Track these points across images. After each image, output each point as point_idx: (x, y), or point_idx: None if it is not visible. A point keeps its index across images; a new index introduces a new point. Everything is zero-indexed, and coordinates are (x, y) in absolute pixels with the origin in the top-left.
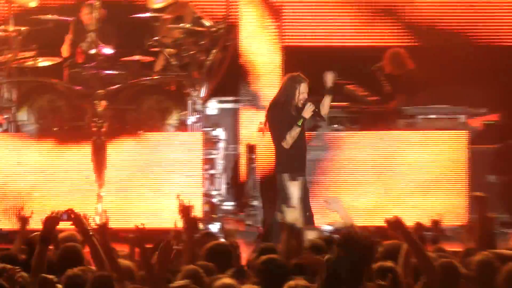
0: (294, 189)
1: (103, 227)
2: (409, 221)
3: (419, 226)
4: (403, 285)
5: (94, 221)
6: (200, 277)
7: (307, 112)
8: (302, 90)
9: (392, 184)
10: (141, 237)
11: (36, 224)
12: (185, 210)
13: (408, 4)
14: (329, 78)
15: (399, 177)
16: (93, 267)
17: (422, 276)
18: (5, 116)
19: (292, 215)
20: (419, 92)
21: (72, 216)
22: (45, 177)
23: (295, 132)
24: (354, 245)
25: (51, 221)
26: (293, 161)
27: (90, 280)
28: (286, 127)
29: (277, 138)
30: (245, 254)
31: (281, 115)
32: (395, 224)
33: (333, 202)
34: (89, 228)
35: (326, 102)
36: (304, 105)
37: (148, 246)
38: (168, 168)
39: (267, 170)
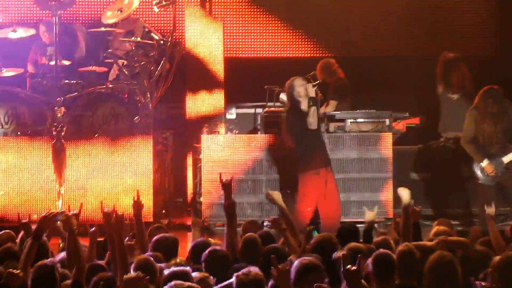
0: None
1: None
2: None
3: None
4: None
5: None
6: (152, 264)
7: (311, 91)
8: (303, 92)
9: None
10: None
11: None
12: (136, 206)
13: (338, 20)
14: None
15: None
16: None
17: None
18: None
19: None
20: (348, 98)
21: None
22: (9, 177)
23: (312, 111)
24: None
25: (47, 220)
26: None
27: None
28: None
29: (294, 141)
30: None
31: (292, 120)
32: None
33: (274, 196)
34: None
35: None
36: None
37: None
38: (121, 168)
39: (211, 169)
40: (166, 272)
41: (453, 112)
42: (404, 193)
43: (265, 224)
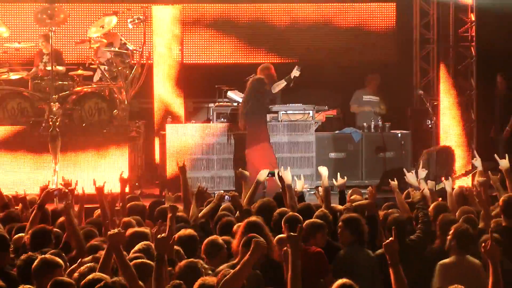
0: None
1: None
2: None
3: None
4: None
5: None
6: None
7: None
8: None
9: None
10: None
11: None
12: (122, 181)
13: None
14: (294, 71)
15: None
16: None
17: None
18: None
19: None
20: (279, 93)
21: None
22: (16, 158)
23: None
24: None
25: (49, 194)
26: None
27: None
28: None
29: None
30: None
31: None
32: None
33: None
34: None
35: (281, 84)
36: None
37: None
38: (103, 152)
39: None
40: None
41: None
42: (323, 170)
43: (225, 198)
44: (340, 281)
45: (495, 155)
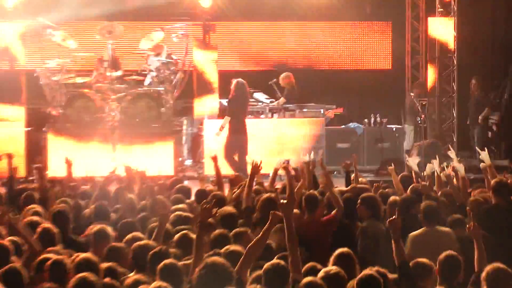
0: None
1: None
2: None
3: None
4: None
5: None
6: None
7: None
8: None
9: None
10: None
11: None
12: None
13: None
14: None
15: (289, 146)
16: None
17: None
18: (60, 111)
19: None
20: (298, 96)
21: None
22: (83, 146)
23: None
24: None
25: (109, 178)
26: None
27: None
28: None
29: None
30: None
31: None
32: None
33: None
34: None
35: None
36: None
37: None
38: (153, 142)
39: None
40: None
41: None
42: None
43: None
44: (339, 250)
45: (476, 147)
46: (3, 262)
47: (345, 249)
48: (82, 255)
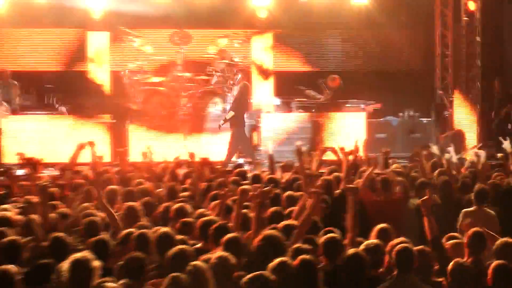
0: None
1: None
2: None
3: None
4: None
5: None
6: None
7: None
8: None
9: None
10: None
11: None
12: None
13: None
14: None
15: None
16: None
17: None
18: (140, 106)
19: None
20: (341, 94)
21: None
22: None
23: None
24: None
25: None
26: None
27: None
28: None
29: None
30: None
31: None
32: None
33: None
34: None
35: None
36: None
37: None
38: (217, 133)
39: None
40: None
41: None
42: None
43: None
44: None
45: (500, 137)
46: (93, 235)
47: (384, 225)
48: (162, 229)
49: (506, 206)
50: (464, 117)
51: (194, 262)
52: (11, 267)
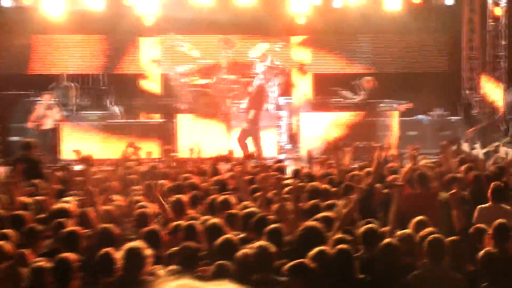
0: None
1: None
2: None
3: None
4: None
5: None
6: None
7: None
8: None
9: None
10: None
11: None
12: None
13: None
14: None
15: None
16: None
17: None
18: (187, 106)
19: None
20: (376, 94)
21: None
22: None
23: None
24: None
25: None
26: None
27: None
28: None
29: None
30: None
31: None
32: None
33: None
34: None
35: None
36: None
37: None
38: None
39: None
40: None
41: None
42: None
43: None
44: (417, 218)
45: None
46: (145, 225)
47: (421, 217)
48: (212, 220)
49: None
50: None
51: (240, 251)
52: (71, 255)
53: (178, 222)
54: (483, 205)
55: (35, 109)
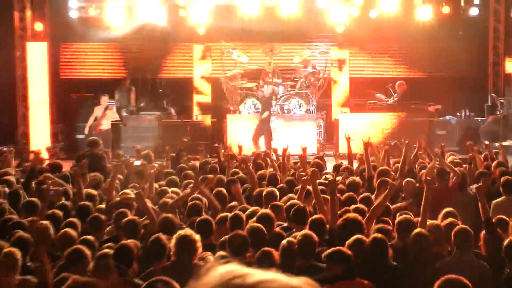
0: None
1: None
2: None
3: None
4: None
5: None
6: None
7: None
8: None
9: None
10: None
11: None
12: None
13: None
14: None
15: (401, 131)
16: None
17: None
18: (236, 107)
19: None
20: (408, 96)
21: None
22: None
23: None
24: None
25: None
26: None
27: None
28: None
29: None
30: None
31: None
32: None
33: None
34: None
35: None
36: None
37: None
38: (301, 127)
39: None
40: None
41: None
42: None
43: None
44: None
45: None
46: (197, 215)
47: (450, 208)
48: (262, 210)
49: None
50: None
51: (285, 240)
52: (131, 241)
53: (225, 214)
54: (497, 200)
55: (93, 111)
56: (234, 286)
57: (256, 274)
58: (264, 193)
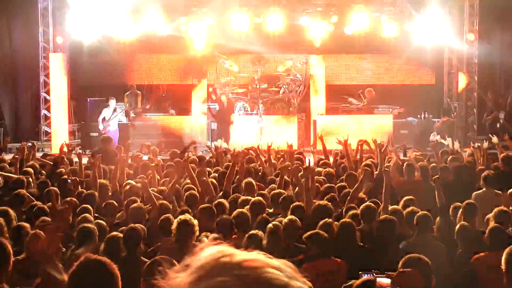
0: None
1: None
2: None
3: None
4: None
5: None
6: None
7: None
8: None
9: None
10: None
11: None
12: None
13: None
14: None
15: (369, 131)
16: None
17: None
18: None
19: None
20: (376, 101)
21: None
22: (239, 132)
23: None
24: None
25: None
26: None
27: None
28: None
29: None
30: None
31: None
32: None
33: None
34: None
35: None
36: None
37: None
38: (284, 127)
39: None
40: None
41: None
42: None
43: None
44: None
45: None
46: (194, 205)
47: (410, 196)
48: (253, 199)
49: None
50: (464, 118)
51: (272, 223)
52: (137, 225)
53: (220, 200)
54: (478, 192)
55: (101, 112)
56: (222, 263)
57: (242, 254)
58: (247, 184)
